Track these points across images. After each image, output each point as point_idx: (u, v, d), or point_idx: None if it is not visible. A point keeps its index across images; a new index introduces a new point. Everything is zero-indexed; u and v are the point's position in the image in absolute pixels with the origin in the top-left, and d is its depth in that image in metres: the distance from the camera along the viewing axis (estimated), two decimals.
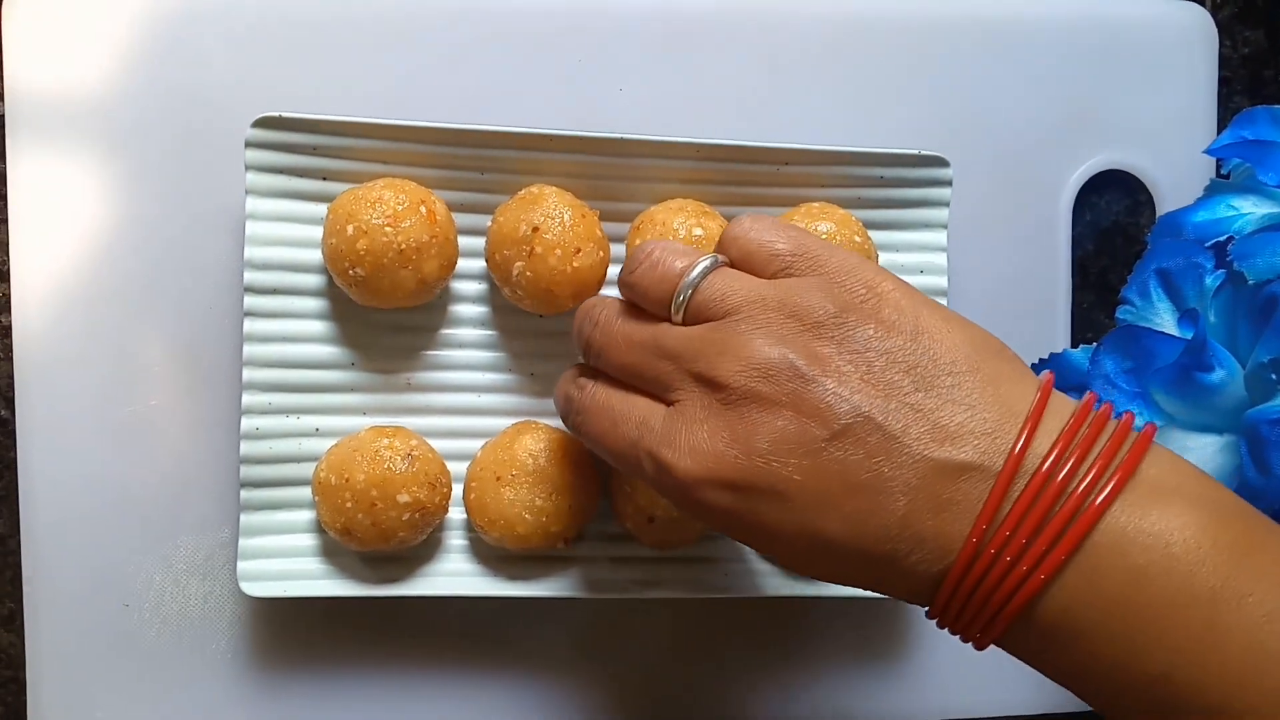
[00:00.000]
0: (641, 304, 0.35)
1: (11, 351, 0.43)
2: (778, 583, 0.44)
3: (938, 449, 0.29)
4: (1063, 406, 0.31)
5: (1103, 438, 0.30)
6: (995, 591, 0.29)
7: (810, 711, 0.47)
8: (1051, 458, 0.29)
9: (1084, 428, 0.30)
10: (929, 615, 0.31)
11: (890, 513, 0.29)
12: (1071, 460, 0.29)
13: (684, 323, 0.34)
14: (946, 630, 0.31)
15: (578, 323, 0.37)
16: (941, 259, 0.46)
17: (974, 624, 0.30)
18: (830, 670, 0.47)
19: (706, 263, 0.33)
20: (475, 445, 0.43)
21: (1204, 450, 0.40)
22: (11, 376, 0.43)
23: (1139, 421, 0.41)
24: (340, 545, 0.42)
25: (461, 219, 0.43)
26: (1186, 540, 0.28)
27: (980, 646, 0.31)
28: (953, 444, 0.29)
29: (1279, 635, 0.27)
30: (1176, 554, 0.28)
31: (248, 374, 0.42)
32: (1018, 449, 0.29)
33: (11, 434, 0.43)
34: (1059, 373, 0.44)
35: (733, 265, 0.34)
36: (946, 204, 0.45)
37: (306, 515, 0.43)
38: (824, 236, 0.42)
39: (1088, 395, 0.31)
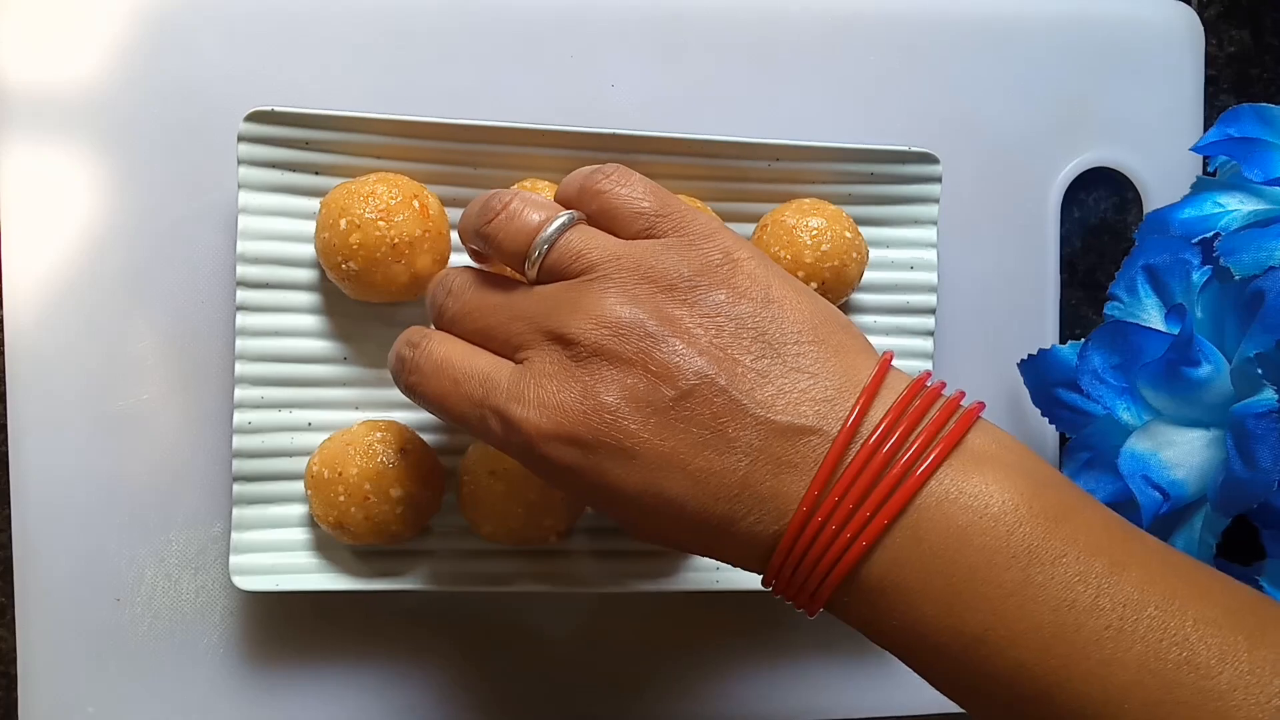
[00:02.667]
0: (496, 256, 0.35)
1: (2, 345, 0.43)
2: None
3: (780, 413, 0.30)
4: (898, 381, 0.31)
5: (932, 411, 0.31)
6: (824, 556, 0.30)
7: (804, 704, 0.47)
8: (882, 427, 0.30)
9: (915, 400, 0.31)
10: (764, 582, 0.32)
11: (732, 472, 0.30)
12: (900, 430, 0.30)
13: (538, 279, 0.34)
14: (781, 598, 0.32)
15: (431, 292, 0.37)
16: (931, 255, 0.46)
17: (804, 589, 0.31)
18: (823, 664, 0.48)
19: (564, 219, 0.33)
20: (468, 439, 0.43)
21: (1191, 444, 0.40)
22: (2, 370, 0.43)
23: (1123, 413, 0.42)
24: (333, 539, 0.42)
25: (454, 214, 0.43)
26: (1004, 504, 0.29)
27: (811, 612, 0.32)
28: (795, 409, 0.30)
29: (1089, 594, 0.28)
30: (995, 514, 0.29)
31: (240, 368, 0.42)
32: (853, 418, 0.30)
33: (3, 428, 0.43)
34: (1047, 369, 0.45)
35: (591, 220, 0.34)
36: (936, 200, 0.46)
37: (299, 509, 0.43)
38: (815, 232, 0.43)
39: (922, 373, 0.32)
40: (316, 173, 0.43)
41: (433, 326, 0.36)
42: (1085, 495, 0.31)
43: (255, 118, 0.41)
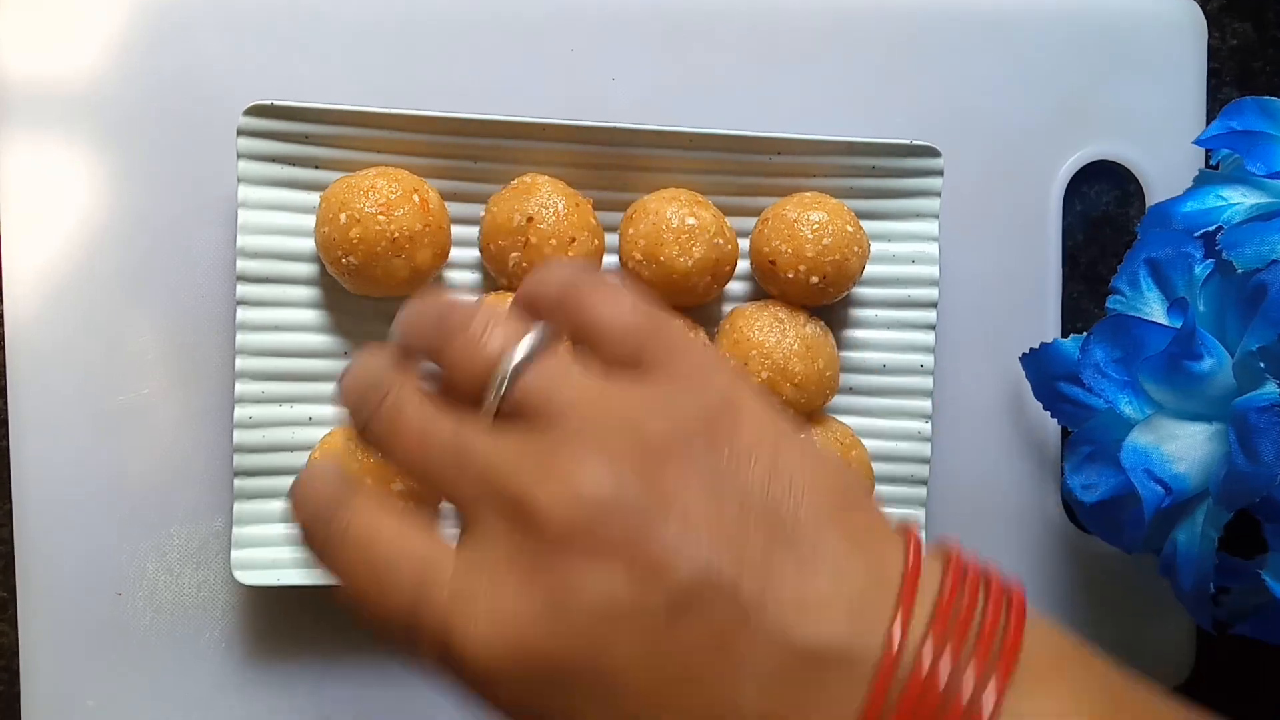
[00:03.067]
0: (446, 383, 0.27)
1: (3, 340, 0.43)
2: None
3: (799, 628, 0.23)
4: (931, 571, 0.25)
5: (978, 611, 0.24)
6: None
7: None
8: (930, 649, 0.23)
9: (960, 597, 0.24)
10: None
11: (739, 712, 0.23)
12: (951, 646, 0.23)
13: (498, 418, 0.26)
14: None
15: (356, 385, 0.28)
16: (933, 249, 0.46)
17: None
18: None
19: (532, 339, 0.26)
20: None
21: (1193, 438, 0.40)
22: (3, 365, 0.43)
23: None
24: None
25: (454, 208, 0.43)
26: None
27: None
28: (817, 622, 0.23)
29: None
30: None
31: (240, 362, 0.42)
32: (896, 636, 0.23)
33: (4, 423, 0.43)
34: (1049, 362, 0.45)
35: (568, 333, 0.27)
36: (938, 194, 0.46)
37: None
38: (816, 225, 0.43)
39: (952, 551, 0.26)
40: (316, 167, 0.43)
41: (347, 414, 0.28)
42: (1151, 694, 0.26)
43: (255, 112, 0.41)
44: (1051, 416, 0.46)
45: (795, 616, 0.23)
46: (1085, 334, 0.42)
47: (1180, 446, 0.40)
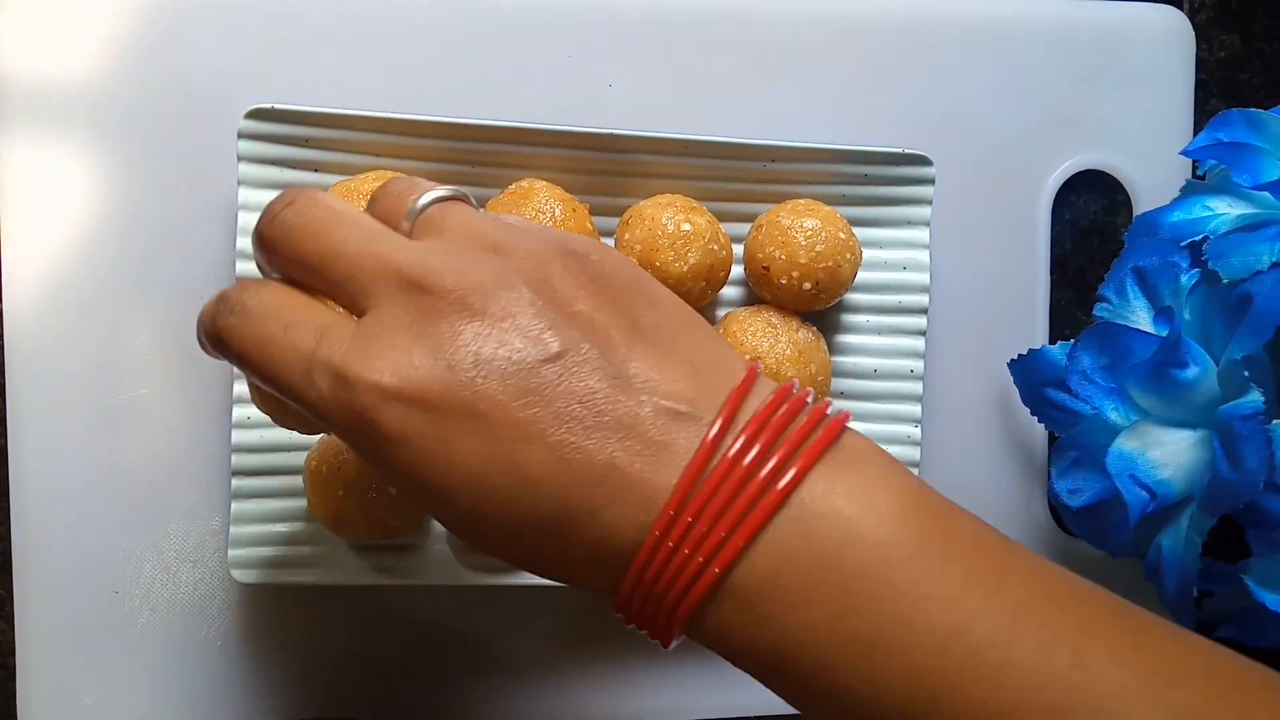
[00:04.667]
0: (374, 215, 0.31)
1: (2, 340, 0.43)
2: None
3: (654, 394, 0.27)
4: (762, 386, 0.29)
5: (792, 424, 0.28)
6: (694, 555, 0.27)
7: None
8: (741, 442, 0.27)
9: (778, 412, 0.28)
10: (617, 597, 0.28)
11: (599, 451, 0.27)
12: (761, 442, 0.27)
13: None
14: (633, 625, 0.29)
15: (267, 212, 0.30)
16: (924, 256, 0.46)
17: (667, 598, 0.27)
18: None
19: (445, 189, 0.31)
20: None
21: (1178, 444, 0.41)
22: (2, 364, 0.43)
23: (1110, 416, 0.42)
24: (331, 534, 0.42)
25: None
26: (892, 498, 0.27)
27: (670, 633, 0.28)
28: (669, 393, 0.27)
29: (979, 594, 0.26)
30: (884, 509, 0.27)
31: None
32: (716, 427, 0.27)
33: (2, 421, 0.43)
34: (1037, 369, 0.45)
35: None
36: (929, 202, 0.46)
37: (297, 503, 0.43)
38: (810, 232, 0.43)
39: (788, 382, 0.30)
40: (316, 170, 0.43)
41: (253, 241, 0.31)
42: (951, 501, 0.29)
43: (255, 115, 0.41)
44: (1039, 422, 0.46)
45: (649, 386, 0.27)
46: (1073, 341, 0.43)
47: (1165, 453, 0.41)
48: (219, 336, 0.29)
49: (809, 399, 0.29)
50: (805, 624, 0.27)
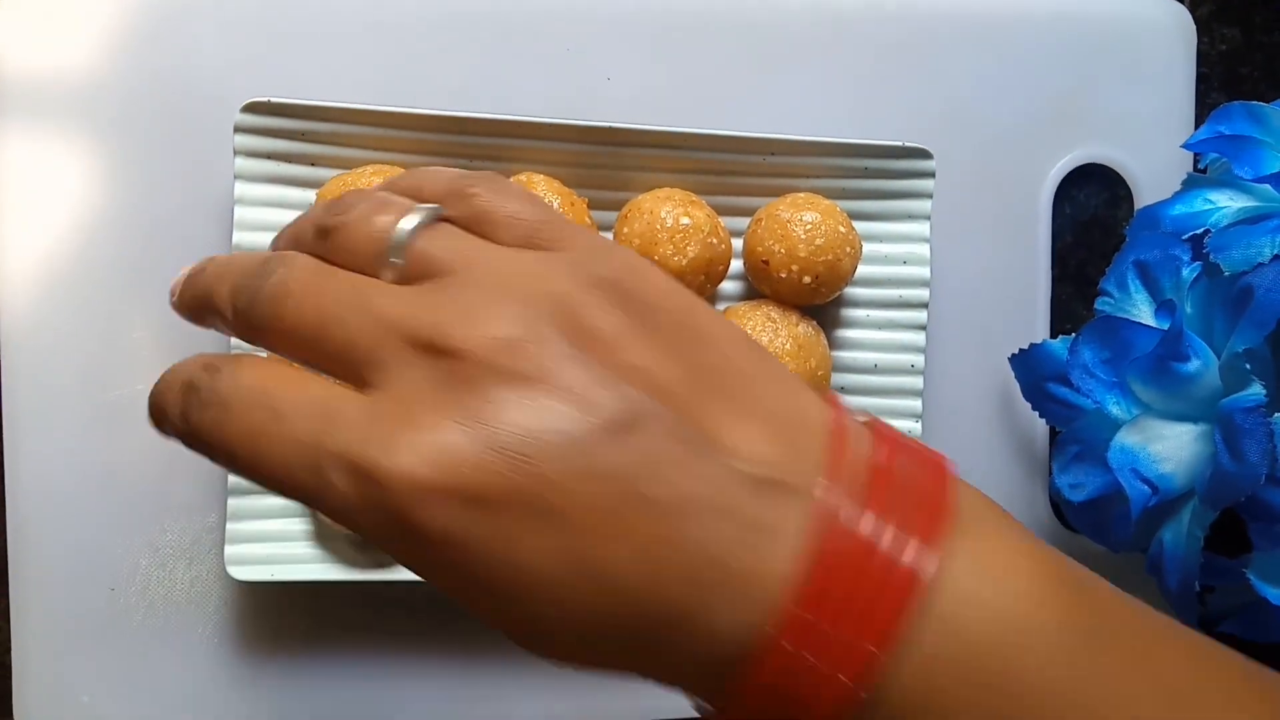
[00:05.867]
0: (338, 256, 0.25)
1: None
2: None
3: (741, 459, 0.22)
4: (856, 430, 0.25)
5: (904, 475, 0.24)
6: (829, 656, 0.22)
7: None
8: (869, 517, 0.22)
9: (888, 459, 0.24)
10: (725, 707, 0.23)
11: (691, 539, 0.22)
12: (896, 480, 0.23)
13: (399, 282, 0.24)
14: None
15: (232, 270, 0.25)
16: (924, 250, 0.46)
17: (793, 710, 0.22)
18: None
19: (425, 211, 0.25)
20: None
21: (1179, 438, 0.41)
22: None
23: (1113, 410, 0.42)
24: (328, 529, 0.42)
25: None
26: (1031, 581, 0.23)
27: None
28: (755, 454, 0.22)
29: (1146, 678, 0.24)
30: (1026, 593, 0.23)
31: None
32: (828, 469, 0.23)
33: None
34: (1037, 363, 0.45)
35: (456, 224, 0.26)
36: (930, 195, 0.46)
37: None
38: (809, 226, 0.43)
39: (873, 419, 0.25)
40: (312, 164, 0.43)
41: (230, 313, 0.25)
42: (1075, 562, 0.25)
43: (251, 109, 0.41)
44: (1040, 416, 0.46)
45: (728, 447, 0.22)
46: (1074, 335, 0.43)
47: (1167, 447, 0.41)
48: (196, 436, 0.24)
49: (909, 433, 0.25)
50: None
